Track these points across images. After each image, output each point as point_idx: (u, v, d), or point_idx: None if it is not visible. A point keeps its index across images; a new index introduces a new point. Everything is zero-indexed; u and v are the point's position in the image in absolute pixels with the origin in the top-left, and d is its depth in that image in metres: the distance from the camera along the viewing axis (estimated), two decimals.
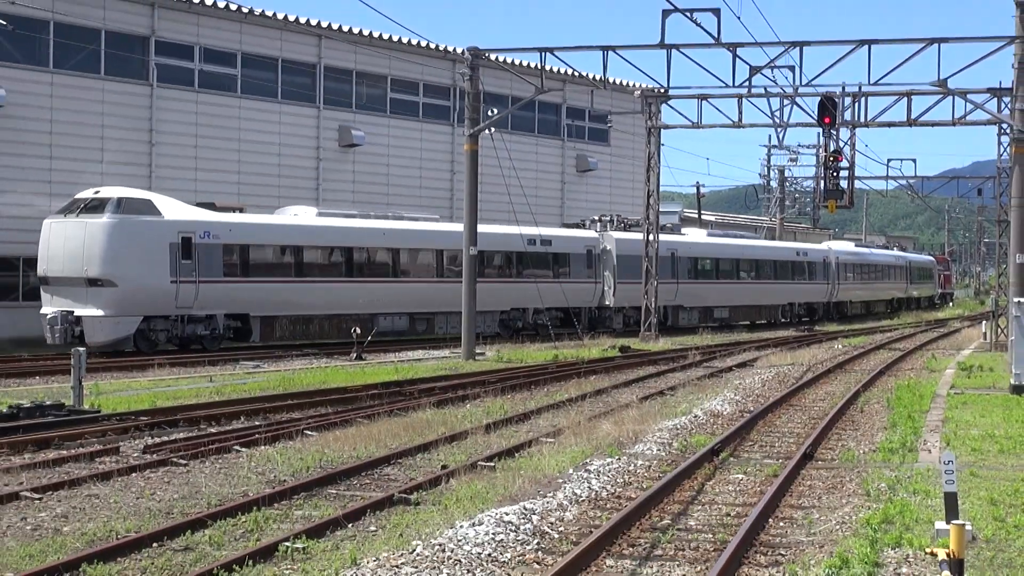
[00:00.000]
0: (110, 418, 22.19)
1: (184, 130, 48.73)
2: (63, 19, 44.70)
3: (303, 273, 42.19)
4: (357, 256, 44.40)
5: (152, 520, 14.13)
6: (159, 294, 36.90)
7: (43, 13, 43.88)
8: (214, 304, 38.67)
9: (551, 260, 51.93)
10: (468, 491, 15.85)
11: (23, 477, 16.83)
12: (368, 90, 56.01)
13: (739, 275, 64.90)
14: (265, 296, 40.56)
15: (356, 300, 43.55)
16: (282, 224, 42.53)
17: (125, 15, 46.80)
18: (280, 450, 19.47)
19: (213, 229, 38.54)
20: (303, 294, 41.93)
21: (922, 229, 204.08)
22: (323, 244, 43.52)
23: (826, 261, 73.64)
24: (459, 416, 23.98)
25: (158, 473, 17.42)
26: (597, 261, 54.21)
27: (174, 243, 37.13)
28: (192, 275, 37.52)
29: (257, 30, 51.22)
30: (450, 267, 47.46)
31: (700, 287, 60.23)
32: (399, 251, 45.96)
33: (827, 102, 40.39)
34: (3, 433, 20.03)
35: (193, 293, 37.64)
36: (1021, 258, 38.40)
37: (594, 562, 12.29)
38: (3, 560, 12.14)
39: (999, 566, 11.95)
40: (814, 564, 12.10)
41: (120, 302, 36.08)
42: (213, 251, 38.46)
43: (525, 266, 50.96)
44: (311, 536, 13.19)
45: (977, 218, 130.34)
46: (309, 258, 42.77)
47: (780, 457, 19.41)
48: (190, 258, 37.52)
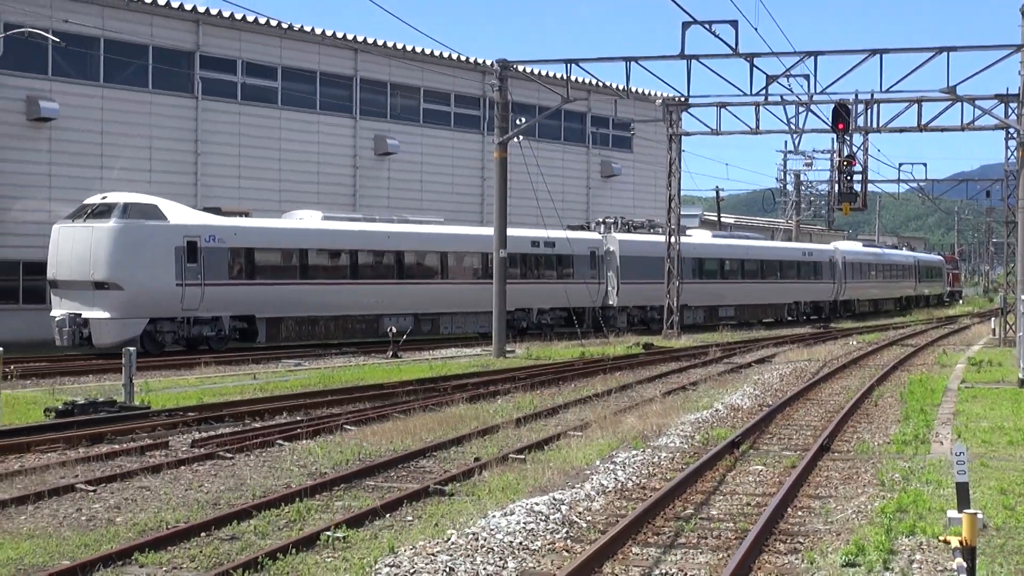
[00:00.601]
0: (159, 414, 22.28)
1: (228, 140, 48.91)
2: (113, 36, 44.90)
3: (308, 275, 41.26)
4: (362, 259, 43.39)
5: (200, 511, 14.17)
6: (165, 297, 36.25)
7: (94, 30, 44.14)
8: (219, 306, 37.95)
9: (555, 261, 51.12)
10: (500, 482, 15.85)
11: (78, 470, 16.87)
12: (402, 101, 56.11)
13: (744, 275, 63.69)
14: (270, 298, 39.69)
15: (361, 301, 42.82)
16: (286, 228, 41.74)
17: (171, 31, 47.00)
18: (321, 444, 19.49)
19: (218, 233, 37.79)
20: (308, 296, 41.05)
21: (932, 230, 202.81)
22: (328, 247, 42.53)
23: (832, 261, 72.77)
24: (491, 411, 23.97)
25: (205, 466, 17.46)
26: (600, 262, 53.22)
27: (179, 247, 36.44)
28: (198, 278, 36.80)
29: (296, 45, 51.34)
30: (454, 269, 46.80)
31: (704, 287, 59.06)
32: (403, 253, 45.00)
33: (841, 109, 40.24)
34: (59, 428, 20.16)
35: (199, 295, 36.96)
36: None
37: (620, 550, 12.28)
38: (60, 549, 12.19)
39: (1010, 553, 11.91)
40: (831, 551, 12.07)
41: (126, 304, 35.44)
42: (218, 254, 37.67)
43: (529, 267, 50.21)
44: (351, 526, 13.21)
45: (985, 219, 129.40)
46: (314, 261, 41.88)
47: (798, 449, 19.34)
48: (196, 261, 36.80)
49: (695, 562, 11.94)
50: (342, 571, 11.29)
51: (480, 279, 46.85)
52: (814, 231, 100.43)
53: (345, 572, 11.24)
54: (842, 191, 43.61)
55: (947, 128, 42.26)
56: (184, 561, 11.84)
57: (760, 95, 41.51)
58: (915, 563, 11.54)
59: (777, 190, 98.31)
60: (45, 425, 20.49)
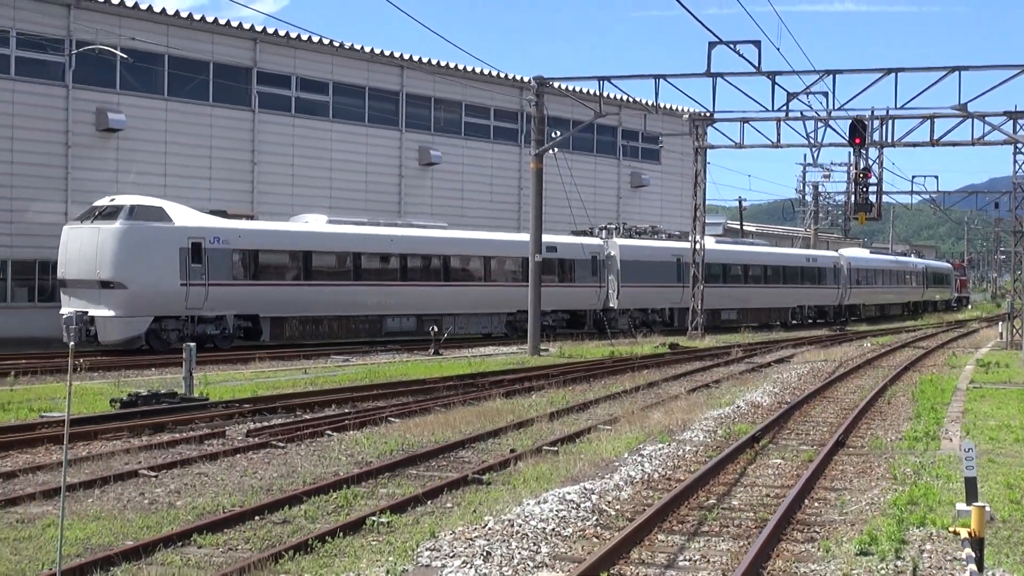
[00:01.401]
0: (217, 405, 22.36)
1: (282, 151, 49.11)
2: (176, 53, 45.18)
3: (312, 276, 40.14)
4: (366, 261, 42.23)
5: (254, 496, 14.22)
6: (169, 296, 35.38)
7: (159, 47, 44.42)
8: (224, 305, 37.00)
9: (557, 265, 49.45)
10: (534, 472, 15.84)
11: (141, 457, 16.98)
12: (445, 114, 56.21)
13: (747, 279, 62.37)
14: (274, 298, 38.69)
15: (365, 302, 41.82)
16: (291, 230, 40.71)
17: (231, 49, 47.26)
18: (367, 435, 19.54)
19: (223, 235, 36.90)
20: (312, 296, 39.92)
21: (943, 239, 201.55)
22: (332, 249, 41.44)
23: (836, 267, 71.37)
24: (526, 405, 23.97)
25: (259, 454, 17.52)
26: (602, 266, 51.75)
27: (184, 248, 35.59)
28: (202, 278, 35.95)
29: (347, 62, 51.53)
30: (457, 272, 45.63)
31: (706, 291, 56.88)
32: (407, 256, 43.63)
33: (857, 124, 40.09)
34: (123, 418, 20.28)
35: (203, 295, 36.06)
36: None
37: (647, 537, 12.25)
38: (124, 530, 12.27)
39: (1016, 544, 11.84)
40: (846, 541, 12.02)
41: (130, 303, 34.63)
42: (223, 255, 36.76)
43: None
44: (394, 511, 13.23)
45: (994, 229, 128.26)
46: (318, 262, 40.67)
47: (815, 444, 19.26)
48: (200, 262, 35.95)
49: (717, 549, 11.91)
50: (386, 554, 11.31)
51: (483, 282, 46.37)
52: (831, 239, 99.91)
53: (389, 555, 11.26)
54: (858, 202, 43.53)
55: (958, 143, 41.97)
56: (239, 543, 11.89)
57: (781, 111, 41.37)
58: (925, 552, 11.48)
59: (796, 200, 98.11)
60: (111, 415, 20.61)
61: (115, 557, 10.87)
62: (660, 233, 57.05)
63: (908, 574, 10.68)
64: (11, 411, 21.47)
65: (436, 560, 11.02)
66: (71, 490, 14.17)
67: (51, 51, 41.77)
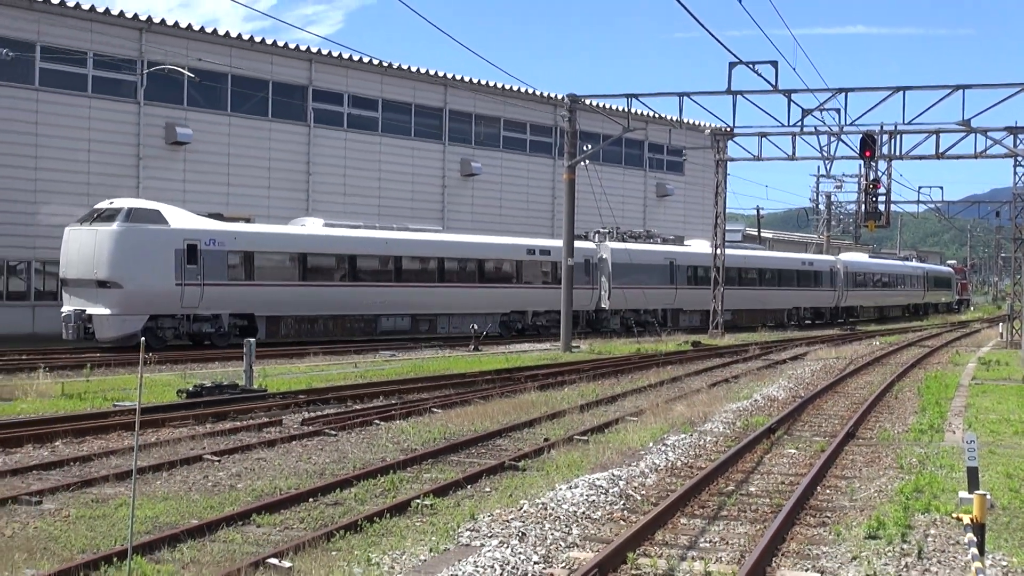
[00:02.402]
0: (274, 396, 22.48)
1: (335, 163, 49.30)
2: (238, 72, 45.47)
3: (307, 277, 38.38)
4: (360, 263, 40.29)
5: (308, 480, 14.28)
6: (164, 295, 33.93)
7: (223, 67, 44.72)
8: (218, 304, 35.52)
9: (549, 267, 47.40)
10: (566, 460, 15.85)
11: (205, 443, 17.10)
12: (485, 129, 56.28)
13: (742, 282, 58.91)
14: (269, 298, 37.07)
15: (360, 302, 40.11)
16: (285, 233, 39.00)
17: (288, 68, 47.50)
18: (412, 424, 19.60)
19: (219, 237, 35.38)
20: (307, 296, 38.33)
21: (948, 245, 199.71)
22: (327, 251, 39.54)
23: (833, 270, 68.99)
24: (558, 398, 23.96)
25: (313, 441, 17.60)
26: (594, 269, 49.75)
27: (179, 249, 34.14)
28: (197, 278, 34.47)
29: (395, 80, 51.68)
30: (450, 273, 43.76)
31: (699, 292, 54.45)
32: (401, 258, 41.70)
33: (867, 139, 39.85)
34: (189, 408, 20.42)
35: (198, 294, 34.66)
36: None
37: (670, 520, 12.23)
38: (190, 510, 12.36)
39: (1014, 529, 11.76)
40: (855, 525, 11.96)
41: (125, 302, 33.17)
42: (218, 257, 35.24)
43: (524, 273, 47.01)
44: (437, 495, 13.26)
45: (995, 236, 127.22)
46: (313, 264, 38.82)
47: (826, 435, 19.16)
48: (195, 263, 34.50)
49: (736, 532, 11.87)
50: (429, 534, 11.34)
51: (476, 283, 44.71)
52: (843, 246, 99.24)
53: (432, 535, 11.28)
54: (868, 211, 43.30)
55: (962, 156, 41.64)
56: (295, 522, 11.95)
57: (796, 126, 41.16)
58: (930, 537, 11.41)
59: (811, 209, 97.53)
60: (178, 404, 20.75)
61: (181, 535, 10.96)
62: (655, 237, 55.29)
63: (913, 557, 10.62)
64: (87, 400, 21.69)
65: (475, 540, 11.04)
66: (141, 473, 14.29)
67: (124, 71, 42.10)
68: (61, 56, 40.38)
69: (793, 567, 10.48)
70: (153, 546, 10.55)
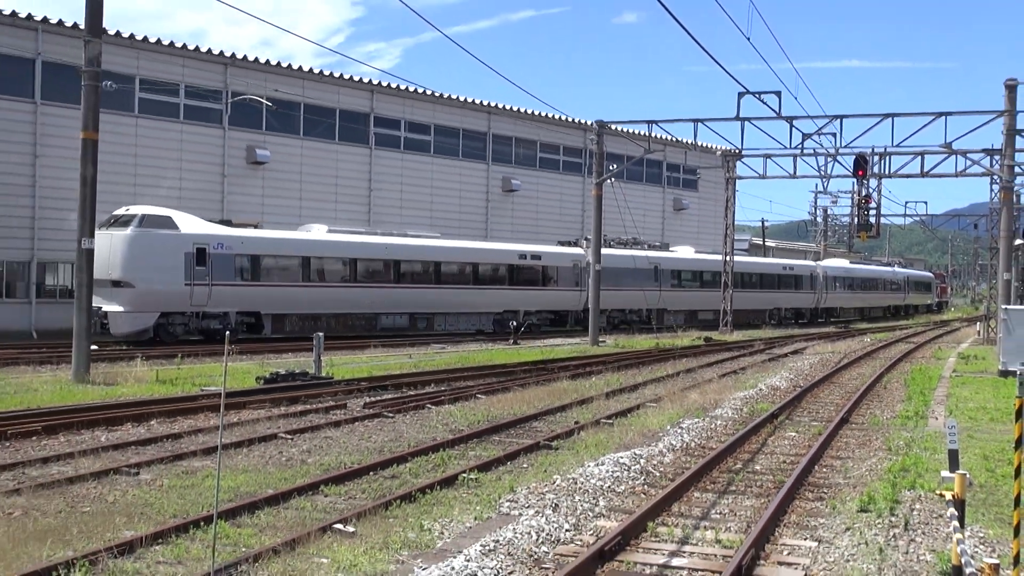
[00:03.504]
0: (340, 383, 22.55)
1: (393, 180, 49.43)
2: (310, 101, 45.69)
3: (310, 278, 36.80)
4: (361, 265, 38.60)
5: (369, 455, 14.33)
6: (174, 294, 32.68)
7: (296, 97, 44.96)
8: (226, 303, 34.15)
9: (540, 271, 46.00)
10: (593, 440, 15.83)
11: (279, 423, 17.20)
12: (523, 151, 56.23)
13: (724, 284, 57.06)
14: (274, 297, 35.61)
15: (360, 301, 38.39)
16: (289, 238, 37.08)
17: (353, 98, 47.67)
18: (459, 408, 19.64)
19: (227, 241, 34.06)
20: (310, 296, 36.79)
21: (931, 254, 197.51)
22: (329, 255, 37.77)
23: (813, 274, 66.14)
24: (587, 386, 23.94)
25: (373, 422, 17.67)
26: (582, 272, 47.05)
27: (189, 252, 32.89)
28: (205, 279, 33.23)
29: (445, 108, 51.76)
30: (447, 275, 41.80)
31: (682, 294, 53.02)
32: (400, 262, 39.95)
33: (860, 159, 39.49)
34: (266, 392, 20.54)
35: (206, 294, 33.39)
36: (1006, 276, 37.88)
37: (685, 494, 12.19)
38: (266, 481, 12.43)
39: (991, 505, 11.65)
40: (849, 500, 11.87)
41: (137, 300, 32.01)
42: (225, 259, 33.90)
43: (516, 276, 44.93)
44: (481, 470, 13.28)
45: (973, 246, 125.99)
46: (316, 266, 37.25)
47: (823, 421, 19.04)
48: (204, 265, 33.25)
49: (743, 505, 11.81)
50: (474, 504, 11.35)
51: (471, 285, 42.80)
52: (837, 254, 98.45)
53: (476, 505, 11.29)
54: (860, 223, 42.89)
55: (944, 175, 41.23)
56: (357, 493, 12.00)
57: (797, 148, 40.91)
58: (915, 511, 11.30)
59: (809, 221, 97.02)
60: (256, 389, 20.90)
61: (259, 502, 11.04)
62: (641, 244, 53.04)
63: (901, 528, 10.52)
64: (178, 385, 21.88)
65: (514, 510, 11.04)
66: (225, 449, 14.41)
67: (211, 100, 42.42)
68: (157, 87, 40.76)
69: (793, 536, 10.42)
70: (235, 512, 10.64)
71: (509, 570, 8.85)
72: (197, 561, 8.92)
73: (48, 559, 8.74)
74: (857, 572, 9.03)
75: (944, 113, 37.67)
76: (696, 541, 10.07)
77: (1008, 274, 38.13)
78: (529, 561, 9.19)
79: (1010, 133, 36.96)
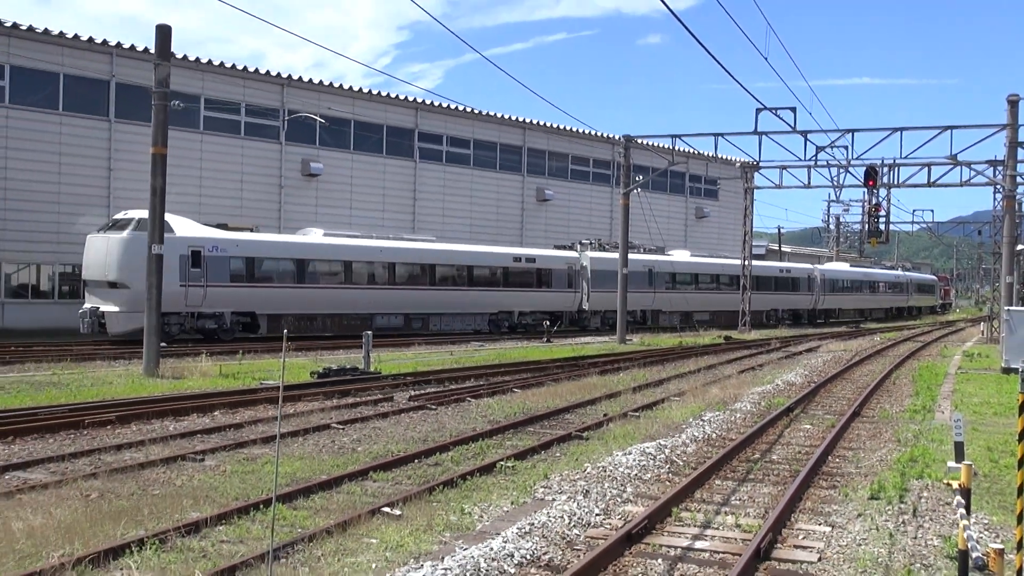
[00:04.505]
0: (387, 377, 22.61)
1: (435, 191, 49.59)
2: (359, 118, 45.96)
3: (305, 280, 35.13)
4: (356, 267, 36.87)
5: (414, 444, 14.35)
6: (169, 295, 30.21)
7: (347, 114, 45.24)
8: (221, 303, 32.68)
9: (535, 273, 44.06)
10: (621, 431, 15.77)
11: (332, 415, 17.26)
12: (556, 163, 56.23)
13: (719, 286, 54.12)
14: (269, 298, 34.08)
15: (356, 302, 36.79)
16: (284, 241, 35.42)
17: (399, 115, 47.88)
18: (496, 401, 19.63)
19: (221, 244, 32.63)
20: (305, 296, 35.19)
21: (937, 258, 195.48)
22: (323, 257, 36.06)
23: (811, 277, 63.72)
24: (615, 381, 23.85)
25: (418, 414, 17.69)
26: (576, 275, 45.82)
27: (184, 255, 31.53)
28: (200, 280, 31.89)
29: (484, 124, 51.87)
30: (441, 277, 40.00)
31: (676, 295, 50.68)
32: (394, 264, 38.12)
33: (870, 171, 39.10)
34: (319, 386, 20.63)
35: (201, 295, 32.05)
36: (1008, 279, 37.45)
37: (707, 482, 12.12)
38: (320, 467, 12.48)
39: (994, 493, 11.48)
40: (860, 488, 11.75)
41: (132, 300, 29.98)
42: (220, 262, 32.54)
43: (511, 278, 42.97)
44: (517, 458, 13.27)
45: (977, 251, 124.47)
46: (311, 268, 35.51)
47: (836, 414, 18.85)
48: (199, 267, 31.93)
49: (761, 492, 11.72)
50: (511, 489, 11.35)
51: (465, 287, 40.88)
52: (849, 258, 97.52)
53: (513, 490, 11.29)
54: (871, 229, 42.56)
55: (949, 185, 40.70)
56: (403, 479, 12.03)
57: (811, 160, 40.57)
58: (923, 499, 11.17)
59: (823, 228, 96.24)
60: (310, 383, 20.96)
61: (313, 487, 11.09)
62: (637, 247, 50.85)
63: (909, 515, 10.41)
64: (239, 379, 22.05)
65: (548, 495, 11.03)
66: (282, 438, 14.49)
67: (269, 117, 42.78)
68: (220, 106, 41.15)
69: (808, 521, 10.33)
70: (291, 496, 10.69)
71: (544, 551, 8.84)
72: (257, 540, 8.98)
73: (122, 537, 8.83)
74: (868, 556, 8.94)
75: (950, 127, 37.27)
76: (717, 525, 10.01)
77: (1010, 277, 37.65)
78: (562, 543, 9.18)
79: (1012, 145, 36.44)
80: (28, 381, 20.86)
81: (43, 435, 14.48)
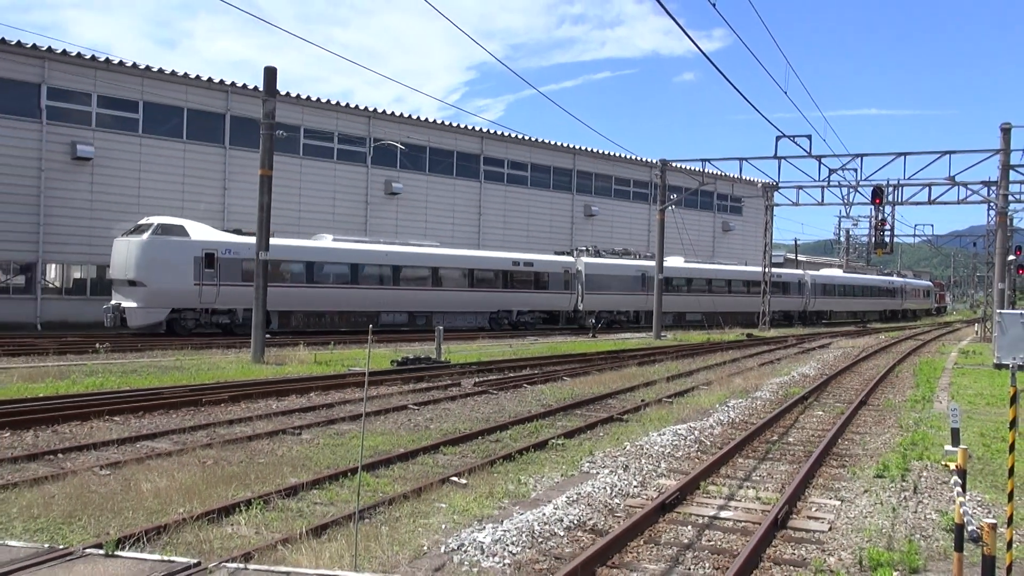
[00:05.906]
0: (455, 366, 22.66)
1: (497, 208, 49.64)
2: (434, 145, 46.20)
3: (314, 280, 33.64)
4: (363, 269, 35.15)
5: (478, 424, 14.38)
6: (184, 293, 30.21)
7: (423, 142, 45.53)
8: (233, 301, 31.23)
9: (532, 276, 41.88)
10: (656, 415, 15.65)
11: (408, 397, 17.36)
12: (601, 183, 55.95)
13: (711, 290, 51.67)
14: (279, 296, 32.35)
15: (363, 301, 35.09)
16: (294, 245, 33.73)
17: (467, 143, 48.05)
18: (549, 387, 19.59)
19: (234, 247, 31.21)
20: (313, 295, 33.74)
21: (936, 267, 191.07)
22: (331, 260, 34.42)
23: (801, 281, 60.01)
24: (651, 371, 23.67)
25: (481, 398, 17.72)
26: (572, 279, 43.71)
27: (198, 256, 30.42)
28: (214, 280, 30.67)
29: (539, 150, 51.83)
30: (444, 279, 38.10)
31: (668, 298, 47.06)
32: (400, 267, 36.27)
33: (877, 190, 38.24)
34: (398, 373, 20.77)
35: (214, 293, 30.78)
36: (1000, 286, 36.54)
37: (732, 459, 11.97)
38: (398, 442, 12.56)
39: (987, 474, 11.18)
40: (867, 468, 11.52)
41: (149, 297, 29.68)
42: (232, 263, 31.13)
43: (510, 280, 40.89)
44: (566, 437, 13.24)
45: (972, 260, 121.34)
46: (319, 268, 33.99)
47: (845, 403, 18.49)
48: (213, 267, 30.69)
49: (779, 470, 11.54)
50: (561, 464, 11.32)
51: (467, 288, 38.92)
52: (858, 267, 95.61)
53: (563, 464, 11.26)
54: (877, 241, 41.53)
55: (948, 202, 39.83)
56: (469, 453, 12.06)
57: (825, 181, 39.88)
58: (923, 478, 10.91)
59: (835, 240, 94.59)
60: (391, 370, 21.11)
61: (393, 458, 11.17)
62: (631, 254, 48.46)
63: (911, 492, 10.18)
64: (331, 366, 22.27)
65: (593, 469, 10.98)
66: (367, 416, 14.63)
67: (357, 144, 43.21)
68: (316, 135, 41.69)
69: (820, 496, 10.14)
70: (374, 466, 10.78)
71: (589, 517, 8.80)
72: (345, 503, 9.07)
73: (232, 498, 8.98)
74: (874, 527, 8.76)
75: (948, 152, 36.47)
76: (740, 498, 9.87)
77: (1002, 284, 36.79)
78: (604, 510, 9.13)
79: (1005, 168, 35.55)
80: (156, 365, 21.32)
81: (167, 411, 14.78)
